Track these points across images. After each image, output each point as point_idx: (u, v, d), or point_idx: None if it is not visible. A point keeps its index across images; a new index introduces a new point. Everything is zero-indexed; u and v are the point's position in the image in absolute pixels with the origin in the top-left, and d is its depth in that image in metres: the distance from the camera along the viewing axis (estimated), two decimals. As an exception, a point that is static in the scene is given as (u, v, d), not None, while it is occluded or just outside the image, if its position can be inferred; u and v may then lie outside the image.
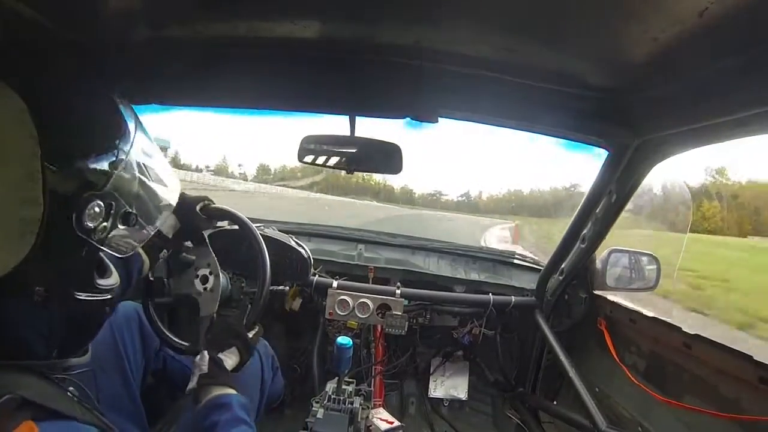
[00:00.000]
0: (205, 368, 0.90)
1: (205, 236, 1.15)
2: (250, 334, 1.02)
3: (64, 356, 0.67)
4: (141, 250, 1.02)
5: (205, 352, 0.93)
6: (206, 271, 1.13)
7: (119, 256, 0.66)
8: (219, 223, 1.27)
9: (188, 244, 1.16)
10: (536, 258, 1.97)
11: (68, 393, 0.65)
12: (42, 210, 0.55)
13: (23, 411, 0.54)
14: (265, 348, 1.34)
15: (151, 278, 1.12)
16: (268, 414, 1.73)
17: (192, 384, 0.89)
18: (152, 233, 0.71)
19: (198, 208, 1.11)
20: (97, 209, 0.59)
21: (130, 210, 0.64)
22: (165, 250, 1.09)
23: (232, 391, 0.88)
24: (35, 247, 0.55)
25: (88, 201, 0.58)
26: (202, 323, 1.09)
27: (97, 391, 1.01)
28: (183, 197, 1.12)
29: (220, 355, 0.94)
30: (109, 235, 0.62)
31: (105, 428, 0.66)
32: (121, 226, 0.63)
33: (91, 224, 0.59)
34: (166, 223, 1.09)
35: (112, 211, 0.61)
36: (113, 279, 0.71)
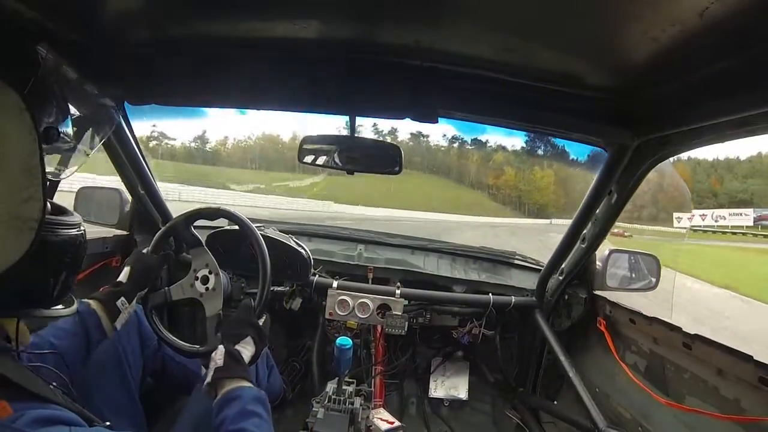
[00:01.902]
0: (220, 362, 0.89)
1: (201, 238, 1.15)
2: (260, 322, 1.02)
3: (43, 307, 0.66)
4: (97, 307, 1.00)
5: (221, 346, 0.92)
6: (206, 272, 1.13)
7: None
8: (218, 223, 1.27)
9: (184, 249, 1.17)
10: (536, 258, 1.97)
11: (49, 384, 0.64)
12: (41, 206, 0.56)
13: None
14: None
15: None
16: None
17: (208, 379, 0.88)
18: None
19: (144, 250, 1.14)
20: None
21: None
22: (123, 298, 1.05)
23: (246, 384, 0.87)
24: (34, 243, 0.55)
25: None
26: (210, 322, 1.09)
27: (95, 391, 1.01)
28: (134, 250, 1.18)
29: (236, 347, 0.93)
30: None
31: (88, 418, 0.65)
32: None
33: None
34: (122, 274, 1.10)
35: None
36: (76, 217, 0.69)
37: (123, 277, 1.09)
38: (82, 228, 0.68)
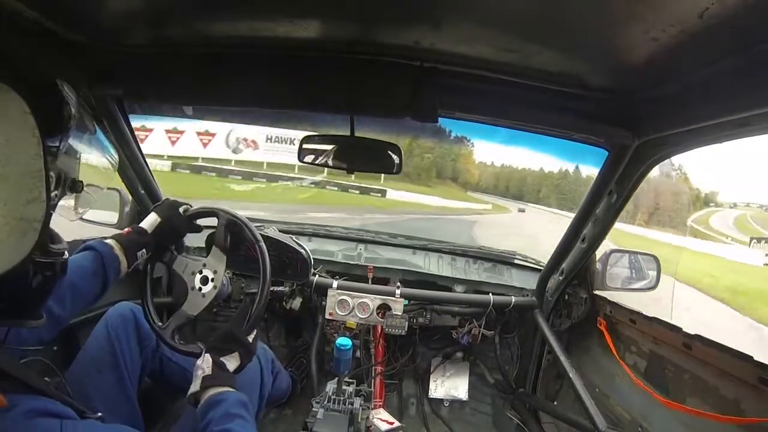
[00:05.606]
0: (208, 371, 0.90)
1: (227, 245, 1.13)
2: (250, 339, 1.01)
3: (17, 319, 0.65)
4: (119, 251, 1.01)
5: (208, 355, 0.93)
6: (211, 275, 1.11)
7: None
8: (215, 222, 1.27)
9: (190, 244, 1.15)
10: (536, 258, 1.97)
11: (43, 378, 0.65)
12: (45, 208, 0.56)
13: None
14: (265, 352, 1.34)
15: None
16: (269, 413, 1.73)
17: (195, 387, 0.89)
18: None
19: (181, 209, 1.13)
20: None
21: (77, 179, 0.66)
22: (144, 249, 1.06)
23: (231, 390, 0.89)
24: (37, 245, 0.56)
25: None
26: (177, 317, 1.08)
27: (92, 392, 1.01)
28: (167, 200, 1.15)
29: (222, 359, 0.94)
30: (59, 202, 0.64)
31: (79, 410, 0.66)
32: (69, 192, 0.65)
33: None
34: (147, 220, 1.10)
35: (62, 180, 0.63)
36: (63, 244, 0.69)
37: (149, 226, 1.08)
38: (61, 258, 0.67)
